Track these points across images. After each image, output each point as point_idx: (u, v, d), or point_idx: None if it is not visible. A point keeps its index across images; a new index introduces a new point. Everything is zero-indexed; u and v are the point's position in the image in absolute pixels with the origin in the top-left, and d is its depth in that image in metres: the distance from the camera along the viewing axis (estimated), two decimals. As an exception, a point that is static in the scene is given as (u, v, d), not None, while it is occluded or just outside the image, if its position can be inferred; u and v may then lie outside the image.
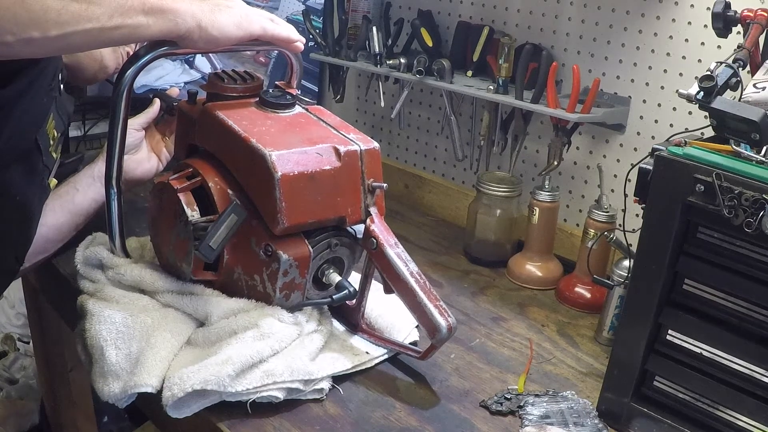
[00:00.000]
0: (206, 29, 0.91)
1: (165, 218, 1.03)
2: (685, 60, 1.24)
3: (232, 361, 0.90)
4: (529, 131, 1.45)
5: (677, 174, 0.83)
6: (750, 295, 0.83)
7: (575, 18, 1.38)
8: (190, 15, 0.90)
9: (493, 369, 1.07)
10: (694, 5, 1.21)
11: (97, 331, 0.97)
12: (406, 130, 1.74)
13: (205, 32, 0.92)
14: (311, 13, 1.67)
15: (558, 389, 1.02)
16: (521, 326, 1.21)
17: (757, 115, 0.78)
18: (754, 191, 0.77)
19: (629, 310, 0.92)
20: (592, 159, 1.41)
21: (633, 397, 0.93)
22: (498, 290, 1.33)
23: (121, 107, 1.03)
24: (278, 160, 0.93)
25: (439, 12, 1.59)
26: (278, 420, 0.92)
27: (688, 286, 0.88)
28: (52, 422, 1.79)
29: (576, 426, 0.94)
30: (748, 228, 0.77)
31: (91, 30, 0.82)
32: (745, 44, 0.95)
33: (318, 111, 1.08)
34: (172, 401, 0.88)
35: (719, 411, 0.88)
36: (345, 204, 1.00)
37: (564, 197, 1.45)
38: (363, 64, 1.57)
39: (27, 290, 1.67)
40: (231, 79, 1.08)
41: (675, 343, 0.90)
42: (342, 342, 1.06)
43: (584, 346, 1.16)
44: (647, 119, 1.31)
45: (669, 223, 0.85)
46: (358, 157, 1.00)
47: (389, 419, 0.94)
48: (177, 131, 1.15)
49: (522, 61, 1.33)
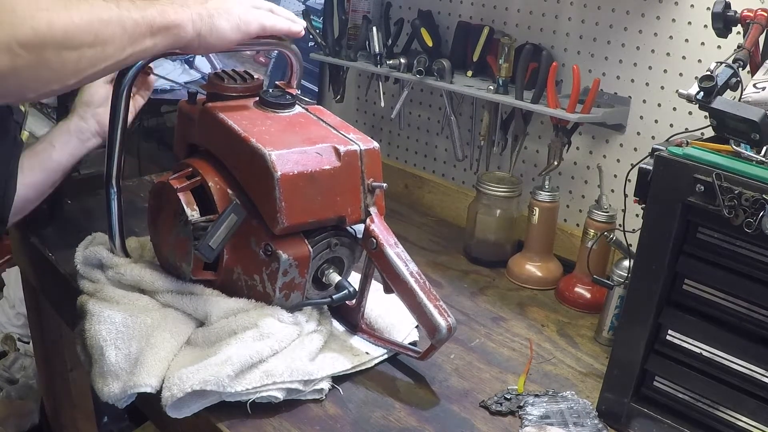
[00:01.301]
0: (205, 37, 0.93)
1: (165, 218, 1.03)
2: (685, 60, 1.24)
3: (231, 361, 0.90)
4: (529, 131, 1.45)
5: (677, 174, 0.83)
6: (750, 295, 0.83)
7: (575, 18, 1.38)
8: (190, 25, 0.91)
9: (493, 369, 1.07)
10: (694, 5, 1.21)
11: (97, 331, 0.97)
12: (406, 130, 1.74)
13: (204, 40, 0.93)
14: (311, 13, 1.68)
15: (558, 389, 1.02)
16: (521, 326, 1.21)
17: (757, 115, 0.78)
18: (754, 191, 0.77)
19: (629, 310, 0.92)
20: (592, 159, 1.41)
21: (633, 397, 0.93)
22: (498, 290, 1.33)
23: (121, 107, 1.03)
24: (278, 159, 0.93)
25: (439, 12, 1.59)
26: (278, 420, 0.92)
27: (688, 286, 0.88)
28: (52, 422, 1.79)
29: (576, 426, 0.94)
30: (748, 228, 0.77)
31: (106, 68, 0.82)
32: (745, 44, 0.95)
33: (318, 111, 1.08)
34: (171, 401, 0.88)
35: (719, 411, 0.88)
36: (345, 204, 1.00)
37: (564, 197, 1.45)
38: (363, 64, 1.57)
39: (27, 290, 1.67)
40: (231, 78, 1.08)
41: (675, 343, 0.90)
42: (342, 342, 1.06)
43: (584, 346, 1.16)
44: (647, 119, 1.31)
45: (669, 223, 0.85)
46: (358, 157, 1.00)
47: (389, 419, 0.94)
48: (177, 131, 1.15)
49: (522, 61, 1.33)
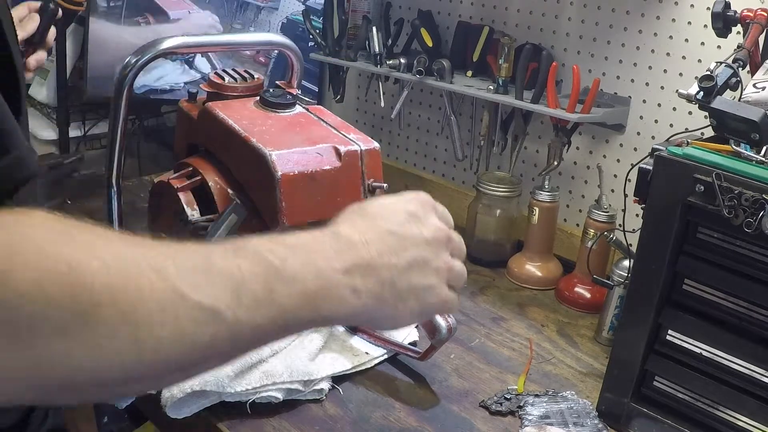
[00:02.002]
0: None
1: (165, 218, 1.03)
2: (685, 60, 1.24)
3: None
4: (529, 131, 1.45)
5: (677, 174, 0.83)
6: (750, 295, 0.83)
7: (575, 18, 1.38)
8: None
9: (493, 369, 1.07)
10: (694, 5, 1.21)
11: (97, 330, 0.97)
12: (406, 130, 1.74)
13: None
14: (311, 13, 1.67)
15: (558, 389, 1.02)
16: (521, 326, 1.21)
17: (757, 115, 0.78)
18: (754, 191, 0.77)
19: (629, 310, 0.92)
20: (592, 159, 1.41)
21: (633, 397, 0.93)
22: (498, 290, 1.33)
23: (121, 107, 1.03)
24: (278, 159, 0.94)
25: (439, 12, 1.59)
26: (278, 420, 0.92)
27: (688, 286, 0.88)
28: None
29: (576, 426, 0.94)
30: (748, 228, 0.77)
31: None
32: (744, 44, 0.95)
33: (318, 111, 1.08)
34: (171, 402, 0.88)
35: (719, 411, 0.88)
36: (345, 204, 0.98)
37: (564, 197, 1.45)
38: (363, 64, 1.57)
39: (27, 290, 1.67)
40: (231, 78, 1.08)
41: (675, 343, 0.90)
42: (341, 342, 1.06)
43: (584, 346, 1.16)
44: (647, 119, 1.31)
45: (669, 223, 0.85)
46: (359, 157, 1.00)
47: (389, 419, 0.94)
48: (177, 130, 1.15)
49: (522, 61, 1.33)
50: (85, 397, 0.53)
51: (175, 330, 0.47)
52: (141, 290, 0.45)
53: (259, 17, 1.93)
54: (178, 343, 0.47)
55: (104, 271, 0.44)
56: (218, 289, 0.49)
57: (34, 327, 0.42)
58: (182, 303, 0.47)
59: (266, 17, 1.92)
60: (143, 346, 0.45)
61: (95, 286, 0.44)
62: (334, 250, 0.58)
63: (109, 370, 0.45)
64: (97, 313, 0.43)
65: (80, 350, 0.44)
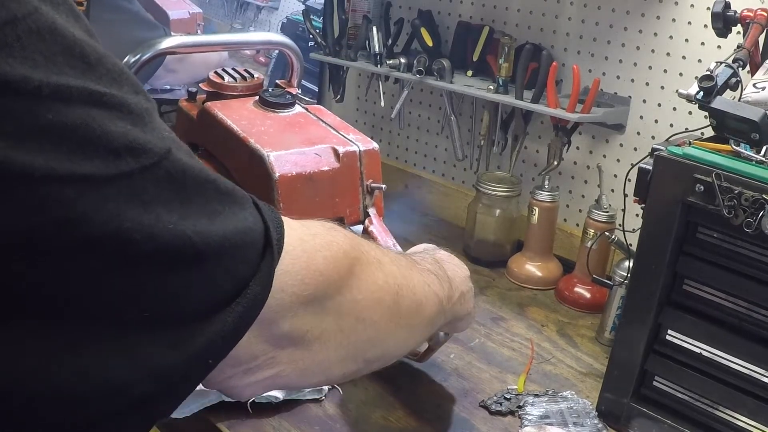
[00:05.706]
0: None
1: (164, 218, 1.03)
2: (685, 60, 1.24)
3: (231, 361, 0.90)
4: (529, 131, 1.45)
5: (677, 174, 0.82)
6: (750, 295, 0.83)
7: (575, 18, 1.38)
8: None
9: (493, 369, 1.07)
10: (694, 5, 1.21)
11: (97, 331, 0.97)
12: (406, 130, 1.74)
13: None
14: (311, 13, 1.67)
15: (558, 389, 1.02)
16: (521, 326, 1.20)
17: (756, 115, 0.78)
18: (754, 191, 0.77)
19: (629, 310, 0.92)
20: (592, 159, 1.41)
21: (633, 397, 0.93)
22: (498, 290, 1.33)
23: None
24: (276, 160, 0.93)
25: (439, 12, 1.59)
26: (277, 420, 0.92)
27: (688, 286, 0.88)
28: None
29: (576, 426, 0.94)
30: (747, 228, 0.77)
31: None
32: (744, 44, 0.95)
33: (318, 111, 1.08)
34: (171, 401, 0.88)
35: (719, 411, 0.87)
36: (343, 205, 1.00)
37: (564, 197, 1.45)
38: (363, 64, 1.57)
39: (27, 290, 1.67)
40: (231, 77, 1.08)
41: (675, 343, 0.90)
42: (341, 342, 1.06)
43: (584, 346, 1.16)
44: (647, 119, 1.31)
45: (669, 223, 0.85)
46: (357, 158, 1.00)
47: (389, 419, 0.94)
48: (176, 130, 1.15)
49: (522, 61, 1.33)
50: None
51: (433, 321, 0.73)
52: (429, 298, 0.70)
53: (259, 17, 1.94)
54: (431, 327, 0.75)
55: (420, 287, 0.69)
56: (439, 288, 0.73)
57: (432, 323, 0.74)
58: (437, 300, 0.72)
59: (266, 17, 1.92)
60: (424, 336, 0.79)
61: (418, 297, 0.68)
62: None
63: (405, 352, 0.74)
64: (422, 314, 0.69)
65: (413, 340, 0.72)
